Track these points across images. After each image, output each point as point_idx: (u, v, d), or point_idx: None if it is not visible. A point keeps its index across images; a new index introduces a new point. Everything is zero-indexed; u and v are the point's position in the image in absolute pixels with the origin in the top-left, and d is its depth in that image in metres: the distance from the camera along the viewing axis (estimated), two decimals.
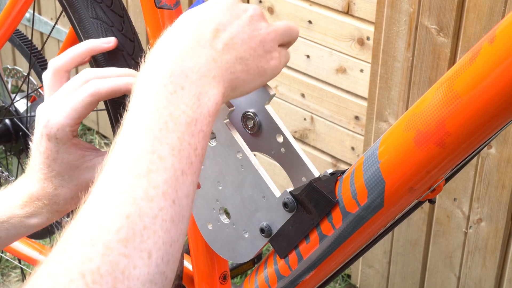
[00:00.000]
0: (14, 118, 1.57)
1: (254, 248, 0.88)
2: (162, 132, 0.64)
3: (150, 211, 0.60)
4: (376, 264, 2.04)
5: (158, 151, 0.63)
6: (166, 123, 0.65)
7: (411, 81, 1.75)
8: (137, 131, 0.64)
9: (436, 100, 0.69)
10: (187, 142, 0.65)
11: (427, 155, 0.71)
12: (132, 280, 0.57)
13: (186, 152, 0.64)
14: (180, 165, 0.64)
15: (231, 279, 1.07)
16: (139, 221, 0.59)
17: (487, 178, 1.72)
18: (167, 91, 0.67)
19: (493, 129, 0.68)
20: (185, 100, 0.67)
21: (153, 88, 0.67)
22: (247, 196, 0.86)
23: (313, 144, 2.09)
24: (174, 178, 0.63)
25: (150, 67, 0.69)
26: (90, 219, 0.60)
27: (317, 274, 0.87)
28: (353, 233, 0.81)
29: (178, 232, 0.61)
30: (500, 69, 0.63)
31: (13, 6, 1.24)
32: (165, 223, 0.60)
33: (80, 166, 0.85)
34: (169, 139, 0.64)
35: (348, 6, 1.85)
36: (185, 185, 0.63)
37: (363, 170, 0.78)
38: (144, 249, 0.58)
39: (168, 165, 0.63)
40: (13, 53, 2.94)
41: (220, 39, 0.71)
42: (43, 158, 0.84)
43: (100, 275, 0.56)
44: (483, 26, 1.58)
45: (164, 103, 0.66)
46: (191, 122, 0.66)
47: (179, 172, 0.63)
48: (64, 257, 0.57)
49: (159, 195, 0.61)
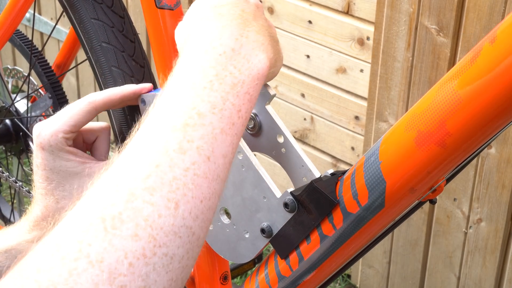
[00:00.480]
0: (14, 118, 1.57)
1: (254, 248, 0.88)
2: (206, 91, 0.64)
3: (182, 163, 0.59)
4: (376, 264, 2.04)
5: (198, 108, 0.62)
6: (211, 82, 0.64)
7: (411, 81, 1.75)
8: (180, 88, 0.64)
9: (437, 101, 0.69)
10: (231, 102, 0.64)
11: (428, 156, 0.71)
12: (155, 229, 0.55)
13: (228, 112, 0.64)
14: (220, 123, 0.63)
15: (231, 280, 1.07)
16: (169, 171, 0.58)
17: (487, 178, 1.72)
18: (216, 52, 0.66)
19: (494, 130, 0.68)
20: (233, 61, 0.67)
21: (201, 48, 0.67)
22: (247, 196, 0.86)
23: (313, 144, 2.09)
24: (211, 135, 0.61)
25: (197, 30, 0.69)
26: (118, 167, 0.58)
27: (318, 274, 0.87)
28: (354, 233, 0.81)
29: (211, 190, 0.60)
30: (501, 70, 0.63)
31: (14, 6, 1.24)
32: (196, 178, 0.59)
33: (81, 173, 0.84)
34: (212, 98, 0.63)
35: (348, 6, 1.85)
36: (224, 145, 0.62)
37: (364, 170, 0.78)
38: (171, 199, 0.56)
39: (207, 122, 0.62)
40: (13, 53, 2.94)
41: (250, 16, 0.72)
42: (41, 171, 0.84)
43: (121, 220, 0.54)
44: (483, 26, 1.58)
45: (212, 63, 0.66)
46: (238, 83, 0.66)
47: (218, 130, 0.62)
48: (87, 201, 0.56)
49: (193, 149, 0.60)
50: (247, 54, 0.68)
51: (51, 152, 0.83)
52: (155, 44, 0.86)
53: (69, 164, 0.84)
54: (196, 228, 0.58)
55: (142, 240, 0.54)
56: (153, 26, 0.87)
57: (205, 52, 0.67)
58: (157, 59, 0.87)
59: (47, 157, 0.83)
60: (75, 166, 0.84)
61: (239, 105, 0.65)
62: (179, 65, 0.66)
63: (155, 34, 0.88)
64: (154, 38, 0.87)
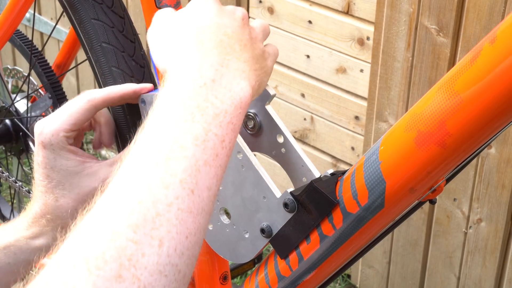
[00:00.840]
0: (14, 118, 1.57)
1: (254, 248, 0.88)
2: (187, 123, 0.63)
3: (165, 198, 0.57)
4: (376, 264, 2.04)
5: (180, 140, 0.61)
6: (192, 114, 0.63)
7: (411, 81, 1.75)
8: (161, 122, 0.63)
9: (437, 101, 0.69)
10: (214, 133, 0.63)
11: (428, 156, 0.71)
12: (139, 269, 0.53)
13: (211, 143, 0.62)
14: (203, 155, 0.61)
15: (231, 280, 1.07)
16: (152, 207, 0.56)
17: (487, 178, 1.72)
18: (196, 84, 0.65)
19: (494, 130, 0.68)
20: (214, 92, 0.66)
21: (181, 81, 0.66)
22: (247, 196, 0.86)
23: (313, 144, 2.09)
24: (195, 167, 0.60)
25: (177, 60, 0.68)
26: (101, 205, 0.57)
27: (318, 274, 0.87)
28: (354, 233, 0.81)
29: (196, 224, 0.58)
30: (501, 70, 0.63)
31: (14, 7, 1.24)
32: (181, 213, 0.57)
33: (81, 172, 0.85)
34: (193, 129, 0.62)
35: (348, 6, 1.85)
36: (208, 177, 0.61)
37: (363, 170, 0.78)
38: (155, 237, 0.55)
39: (189, 154, 0.61)
40: (13, 53, 2.94)
41: (232, 40, 0.71)
42: (42, 169, 0.84)
43: (105, 260, 0.53)
44: (483, 26, 1.58)
45: (191, 95, 0.65)
46: (220, 113, 0.64)
47: (202, 162, 0.61)
48: (72, 241, 0.55)
49: (176, 183, 0.58)
50: (228, 83, 0.67)
51: (52, 151, 0.83)
52: None
53: (70, 163, 0.84)
54: (182, 266, 0.57)
55: (126, 282, 0.53)
56: None
57: (185, 85, 0.65)
58: None
59: (48, 156, 0.83)
60: (75, 165, 0.84)
61: (223, 135, 0.64)
62: (160, 99, 0.65)
63: None
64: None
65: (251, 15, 2.10)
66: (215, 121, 0.64)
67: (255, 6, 2.07)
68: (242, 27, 0.74)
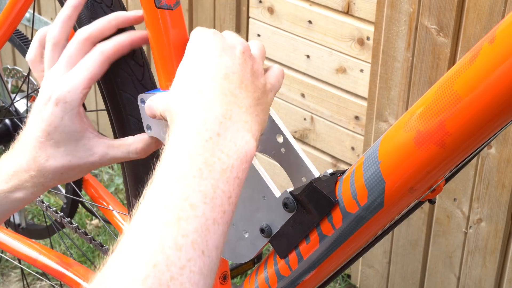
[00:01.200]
0: (14, 118, 1.57)
1: (254, 248, 0.88)
2: (195, 180, 0.62)
3: (178, 261, 0.56)
4: (376, 264, 2.04)
5: (190, 198, 0.60)
6: (200, 170, 0.62)
7: (411, 81, 1.75)
8: (170, 178, 0.62)
9: (436, 101, 0.69)
10: (221, 190, 0.62)
11: (427, 155, 0.71)
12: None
13: (219, 200, 0.62)
14: (212, 213, 0.61)
15: (231, 279, 1.07)
16: (166, 270, 0.56)
17: (487, 178, 1.72)
18: (202, 138, 0.65)
19: (493, 129, 0.68)
20: (220, 146, 0.65)
21: (187, 135, 0.65)
22: (247, 196, 0.86)
23: (313, 144, 2.09)
24: (205, 227, 0.59)
25: (182, 110, 0.68)
26: (116, 267, 0.56)
27: (317, 274, 0.87)
28: (353, 233, 0.81)
29: (206, 286, 0.58)
30: (500, 69, 0.63)
31: (13, 6, 1.24)
32: (193, 275, 0.57)
33: (79, 140, 0.83)
34: (202, 186, 0.61)
35: (348, 6, 1.85)
36: (216, 235, 0.60)
37: (363, 170, 0.78)
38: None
39: (200, 213, 0.60)
40: (13, 53, 2.94)
41: (233, 84, 0.70)
42: (45, 126, 0.82)
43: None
44: (483, 26, 1.58)
45: (199, 150, 0.64)
46: (227, 169, 0.64)
47: (211, 221, 0.60)
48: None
49: (188, 244, 0.58)
50: (233, 137, 0.66)
51: (63, 109, 0.81)
52: (154, 43, 0.86)
53: (74, 127, 0.82)
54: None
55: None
56: (152, 26, 0.87)
57: (191, 139, 0.65)
58: (157, 59, 0.87)
59: (57, 114, 0.82)
60: (78, 131, 0.83)
61: (229, 191, 0.63)
62: (167, 153, 0.65)
63: (155, 34, 0.87)
64: (153, 38, 0.87)
65: (251, 15, 2.10)
66: (222, 177, 0.63)
67: (255, 6, 2.07)
68: (243, 64, 0.73)
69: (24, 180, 0.84)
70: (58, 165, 0.83)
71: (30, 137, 0.83)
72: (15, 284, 2.22)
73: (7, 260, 2.17)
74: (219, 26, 2.19)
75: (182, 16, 0.87)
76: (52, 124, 0.82)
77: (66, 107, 0.81)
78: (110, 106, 0.97)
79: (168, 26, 0.85)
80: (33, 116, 0.83)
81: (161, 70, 0.86)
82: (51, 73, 0.84)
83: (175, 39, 0.85)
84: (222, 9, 2.17)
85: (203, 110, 0.67)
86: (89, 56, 0.83)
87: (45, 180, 0.84)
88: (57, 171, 0.84)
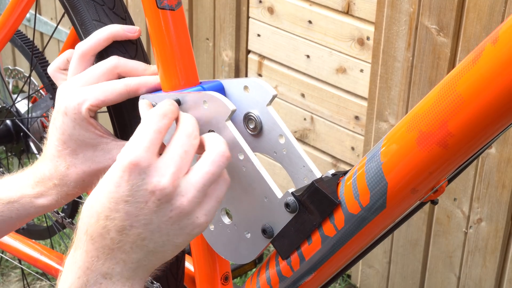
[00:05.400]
0: (15, 118, 1.57)
1: (255, 249, 0.88)
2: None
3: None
4: (376, 264, 2.05)
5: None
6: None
7: (411, 81, 1.75)
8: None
9: (438, 101, 0.69)
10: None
11: (429, 156, 0.71)
12: None
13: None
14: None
15: (232, 280, 1.07)
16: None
17: (487, 178, 1.72)
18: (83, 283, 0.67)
19: (496, 130, 0.68)
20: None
21: (69, 283, 0.68)
22: (248, 197, 0.86)
23: (313, 144, 2.09)
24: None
25: (72, 251, 0.70)
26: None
27: (319, 275, 0.87)
28: (355, 234, 0.81)
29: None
30: (503, 70, 0.63)
31: (15, 7, 1.24)
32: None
33: (96, 146, 0.84)
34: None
35: (348, 6, 1.85)
36: None
37: (365, 171, 0.78)
38: None
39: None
40: (13, 53, 2.94)
41: (126, 239, 0.69)
42: (59, 134, 0.83)
43: None
44: (483, 26, 1.58)
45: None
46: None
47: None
48: None
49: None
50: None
51: (73, 120, 0.82)
52: (156, 44, 0.86)
53: (88, 135, 0.83)
54: None
55: None
56: (154, 27, 0.87)
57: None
58: (158, 59, 0.87)
59: (68, 123, 0.82)
60: (92, 138, 0.83)
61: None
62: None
63: (156, 34, 0.87)
64: (155, 39, 0.87)
65: (251, 15, 2.10)
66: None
67: (255, 6, 2.08)
68: (154, 212, 0.69)
69: (48, 187, 0.85)
70: (79, 172, 0.84)
71: (50, 146, 0.85)
72: (15, 284, 2.22)
73: (7, 260, 2.18)
74: (219, 26, 2.19)
75: (183, 17, 0.87)
76: (65, 133, 0.83)
77: (75, 118, 0.82)
78: (112, 108, 0.97)
79: (170, 27, 0.85)
80: (51, 124, 0.85)
81: (162, 71, 0.87)
82: (69, 82, 0.84)
83: (177, 39, 0.85)
84: (222, 9, 2.17)
85: (85, 262, 0.69)
86: (113, 82, 0.84)
87: (68, 189, 0.85)
88: (78, 178, 0.84)
